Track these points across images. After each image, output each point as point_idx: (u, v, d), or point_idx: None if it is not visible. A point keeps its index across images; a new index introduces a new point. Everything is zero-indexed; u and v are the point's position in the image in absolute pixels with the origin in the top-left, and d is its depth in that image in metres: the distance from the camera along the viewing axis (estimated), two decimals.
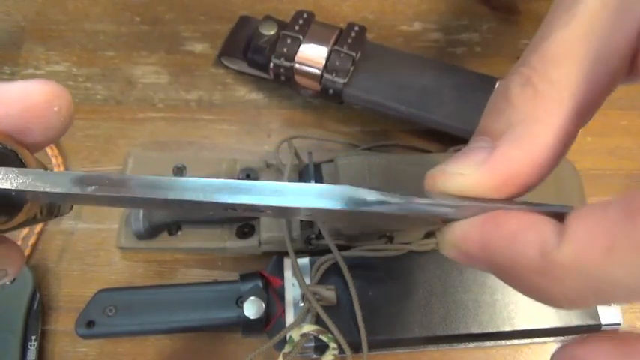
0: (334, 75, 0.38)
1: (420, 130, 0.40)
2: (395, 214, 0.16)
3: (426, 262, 0.33)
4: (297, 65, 0.38)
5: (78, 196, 0.15)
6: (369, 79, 0.38)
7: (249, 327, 0.32)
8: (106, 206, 0.16)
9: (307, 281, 0.32)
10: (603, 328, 0.32)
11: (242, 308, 0.32)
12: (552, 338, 0.34)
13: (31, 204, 0.16)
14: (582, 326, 0.32)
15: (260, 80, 0.43)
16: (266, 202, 0.16)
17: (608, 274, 0.13)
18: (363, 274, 0.33)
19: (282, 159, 0.35)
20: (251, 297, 0.32)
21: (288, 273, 0.33)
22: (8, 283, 0.34)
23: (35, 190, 0.15)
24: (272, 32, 0.40)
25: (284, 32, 0.39)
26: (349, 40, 0.38)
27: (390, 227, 0.33)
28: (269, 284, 0.33)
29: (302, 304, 0.32)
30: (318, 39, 0.38)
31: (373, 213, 0.16)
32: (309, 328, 0.30)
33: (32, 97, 0.16)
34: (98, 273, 0.36)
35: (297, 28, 0.39)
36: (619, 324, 0.33)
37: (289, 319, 0.32)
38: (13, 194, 0.15)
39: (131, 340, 0.34)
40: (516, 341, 0.34)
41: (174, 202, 0.16)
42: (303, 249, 0.34)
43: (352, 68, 0.38)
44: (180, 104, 0.42)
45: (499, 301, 0.32)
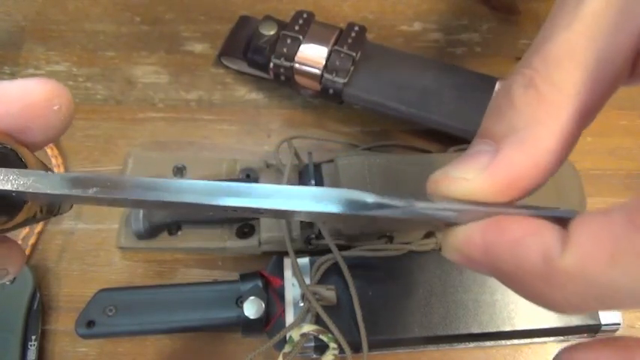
0: (334, 75, 0.38)
1: (420, 130, 0.40)
2: (396, 218, 0.16)
3: (426, 262, 0.33)
4: (297, 65, 0.38)
5: (79, 197, 0.15)
6: (369, 79, 0.38)
7: (249, 327, 0.32)
8: (107, 206, 0.16)
9: (307, 281, 0.32)
10: (603, 329, 0.32)
11: (242, 308, 0.32)
12: (552, 338, 0.34)
13: (31, 203, 0.16)
14: (582, 326, 0.32)
15: (260, 80, 0.43)
16: (262, 205, 0.15)
17: (611, 282, 0.13)
18: (363, 274, 0.33)
19: (282, 159, 0.35)
20: (251, 297, 0.32)
21: (288, 273, 0.33)
22: (8, 283, 0.34)
23: (35, 192, 0.15)
24: (272, 32, 0.40)
25: (284, 32, 0.39)
26: (349, 40, 0.38)
27: (391, 228, 0.33)
28: (269, 284, 0.33)
29: (302, 304, 0.32)
30: (318, 39, 0.38)
31: (373, 217, 0.16)
32: (309, 328, 0.30)
33: (32, 96, 0.16)
34: (98, 273, 0.36)
35: (297, 28, 0.39)
36: (619, 324, 0.33)
37: (289, 319, 0.32)
38: (14, 195, 0.15)
39: (131, 340, 0.34)
40: (516, 341, 0.34)
41: (171, 205, 0.16)
42: (303, 249, 0.34)
43: (352, 68, 0.38)
44: (180, 104, 0.42)
45: (499, 301, 0.32)
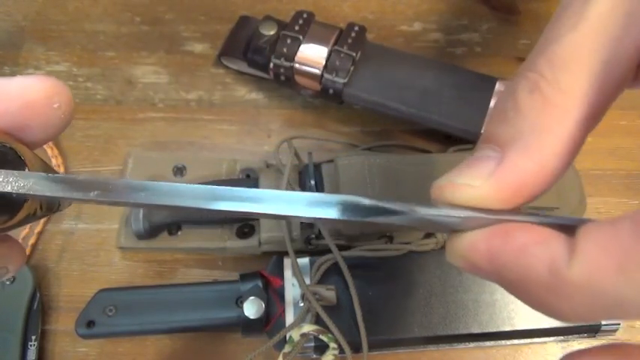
0: (334, 75, 0.38)
1: (420, 130, 0.40)
2: (400, 224, 0.16)
3: (426, 262, 0.33)
4: (297, 65, 0.38)
5: (79, 200, 0.15)
6: (369, 79, 0.38)
7: (249, 327, 0.32)
8: (107, 205, 0.16)
9: (307, 281, 0.32)
10: (603, 328, 0.32)
11: (242, 308, 0.32)
12: (552, 338, 0.34)
13: (31, 201, 0.16)
14: (582, 326, 0.32)
15: (260, 80, 0.43)
16: (257, 210, 0.15)
17: (619, 293, 0.13)
18: (363, 274, 0.33)
19: (282, 159, 0.35)
20: (251, 297, 0.32)
21: (288, 273, 0.33)
22: (8, 283, 0.34)
23: (35, 194, 0.15)
24: (272, 32, 0.40)
25: (284, 32, 0.39)
26: (349, 40, 0.38)
27: (391, 229, 0.33)
28: (269, 284, 0.33)
29: (302, 304, 0.32)
30: (318, 39, 0.38)
31: (373, 222, 0.16)
32: (309, 328, 0.30)
33: (32, 94, 0.16)
34: (98, 273, 0.36)
35: (297, 28, 0.39)
36: (619, 324, 0.33)
37: (289, 319, 0.32)
38: (14, 196, 0.15)
39: (131, 340, 0.34)
40: (516, 341, 0.34)
41: (170, 208, 0.16)
42: (303, 249, 0.34)
43: (352, 68, 0.38)
44: (180, 104, 0.42)
45: (499, 301, 0.32)
